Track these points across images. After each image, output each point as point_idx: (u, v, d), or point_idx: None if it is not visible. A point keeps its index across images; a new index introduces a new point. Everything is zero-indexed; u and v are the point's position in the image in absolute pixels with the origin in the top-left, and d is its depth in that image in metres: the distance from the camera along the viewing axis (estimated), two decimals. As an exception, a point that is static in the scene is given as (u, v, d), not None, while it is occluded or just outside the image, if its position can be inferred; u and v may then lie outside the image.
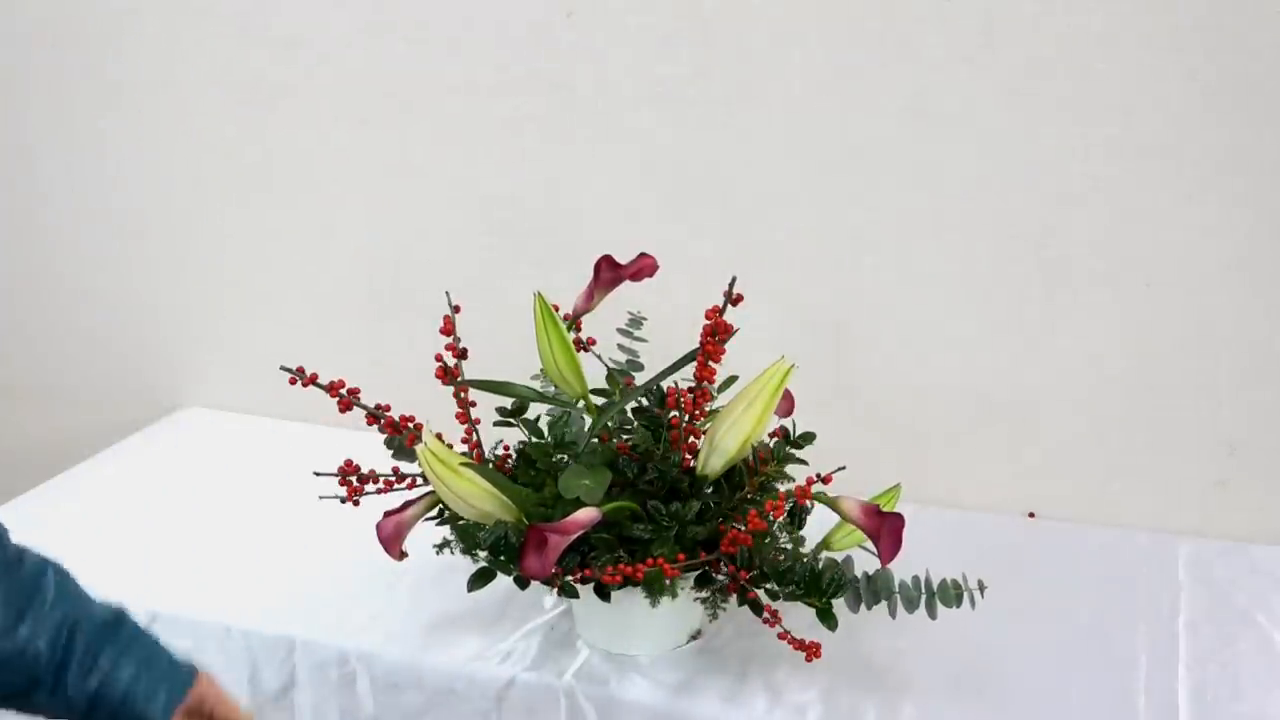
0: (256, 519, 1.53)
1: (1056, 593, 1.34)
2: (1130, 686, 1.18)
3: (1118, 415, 1.46)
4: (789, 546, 1.16)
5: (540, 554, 1.05)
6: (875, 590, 1.15)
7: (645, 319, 1.28)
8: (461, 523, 1.16)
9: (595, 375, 1.21)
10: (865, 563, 1.15)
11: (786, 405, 1.20)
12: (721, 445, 1.13)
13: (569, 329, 1.21)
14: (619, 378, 1.24)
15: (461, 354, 1.25)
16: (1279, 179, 1.32)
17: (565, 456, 1.20)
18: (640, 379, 1.25)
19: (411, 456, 1.19)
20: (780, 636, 1.14)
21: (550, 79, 1.54)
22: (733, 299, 1.13)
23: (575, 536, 1.07)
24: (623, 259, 1.21)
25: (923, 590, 1.15)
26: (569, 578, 1.13)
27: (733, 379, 1.20)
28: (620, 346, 1.28)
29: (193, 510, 1.57)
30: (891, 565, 1.09)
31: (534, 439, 1.25)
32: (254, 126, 1.70)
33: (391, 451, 1.26)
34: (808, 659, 1.13)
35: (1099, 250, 1.40)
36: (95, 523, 1.54)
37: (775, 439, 1.19)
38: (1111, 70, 1.33)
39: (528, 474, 1.20)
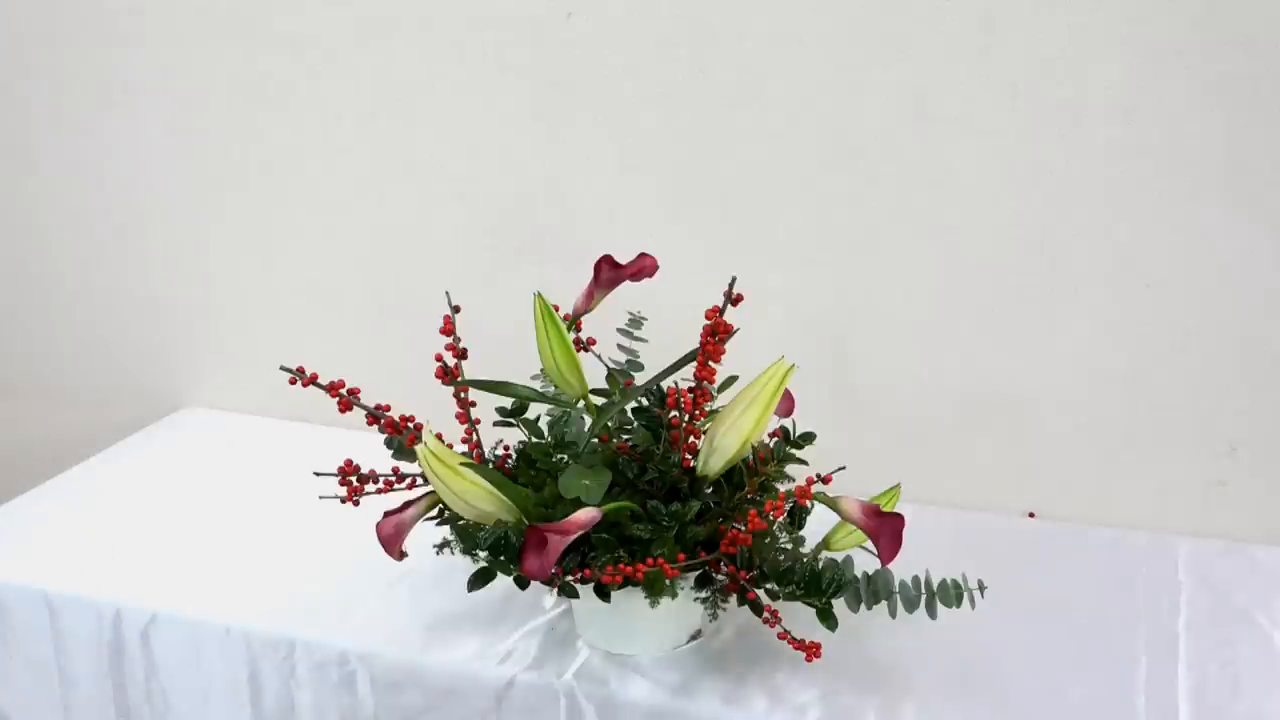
0: (256, 519, 1.53)
1: (1056, 593, 1.34)
2: (1130, 686, 1.18)
3: (1118, 415, 1.46)
4: (789, 546, 1.16)
5: (540, 554, 1.05)
6: (875, 590, 1.15)
7: (645, 319, 1.28)
8: (461, 523, 1.16)
9: (595, 375, 1.21)
10: (865, 563, 1.15)
11: (786, 405, 1.20)
12: (721, 445, 1.13)
13: (569, 329, 1.21)
14: (619, 378, 1.24)
15: (461, 354, 1.25)
16: (1279, 179, 1.32)
17: (565, 456, 1.20)
18: (640, 379, 1.25)
19: (411, 456, 1.19)
20: (780, 636, 1.14)
21: (550, 79, 1.54)
22: (733, 299, 1.12)
23: (575, 536, 1.07)
24: (623, 259, 1.21)
25: (923, 590, 1.15)
26: (569, 578, 1.13)
27: (733, 379, 1.20)
28: (620, 346, 1.28)
29: (193, 510, 1.57)
30: (891, 565, 1.09)
31: (534, 439, 1.25)
32: (254, 126, 1.70)
33: (391, 451, 1.26)
34: (807, 659, 1.13)
35: (1099, 250, 1.40)
36: (95, 523, 1.54)
37: (775, 439, 1.19)
38: (1111, 70, 1.33)
39: (528, 474, 1.20)
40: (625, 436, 1.21)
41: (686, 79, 1.48)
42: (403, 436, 1.23)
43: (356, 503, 1.22)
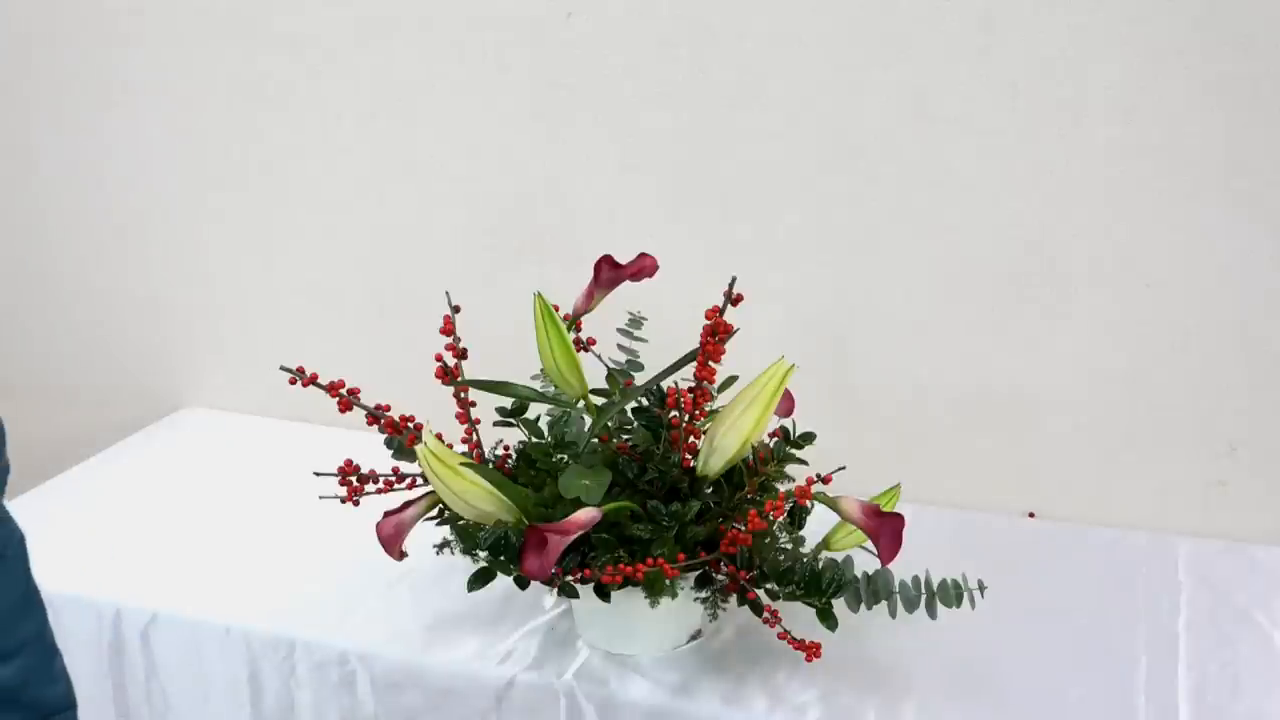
0: (256, 519, 1.53)
1: (1056, 593, 1.34)
2: (1130, 686, 1.18)
3: (1118, 415, 1.46)
4: (789, 546, 1.16)
5: (540, 554, 1.05)
6: (875, 590, 1.15)
7: (645, 319, 1.28)
8: (461, 523, 1.16)
9: (595, 375, 1.21)
10: (865, 563, 1.15)
11: (786, 405, 1.20)
12: (721, 445, 1.13)
13: (569, 329, 1.21)
14: (619, 378, 1.24)
15: (461, 354, 1.25)
16: (1279, 179, 1.32)
17: (565, 456, 1.20)
18: (640, 379, 1.25)
19: (411, 456, 1.19)
20: (780, 636, 1.14)
21: (550, 79, 1.54)
22: (733, 299, 1.13)
23: (575, 536, 1.07)
24: (623, 259, 1.21)
25: (923, 590, 1.15)
26: (569, 578, 1.13)
27: (733, 379, 1.20)
28: (620, 346, 1.28)
29: (193, 510, 1.57)
30: (891, 565, 1.09)
31: (534, 439, 1.25)
32: (254, 126, 1.70)
33: (391, 451, 1.26)
34: (807, 659, 1.13)
35: (1099, 250, 1.40)
36: (95, 523, 1.54)
37: (775, 439, 1.19)
38: (1111, 70, 1.33)
39: (528, 474, 1.20)
40: (625, 436, 1.21)
41: (686, 79, 1.48)
42: (403, 436, 1.23)
43: (356, 503, 1.22)
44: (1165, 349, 1.41)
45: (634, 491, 1.17)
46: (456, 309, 1.25)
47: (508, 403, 1.25)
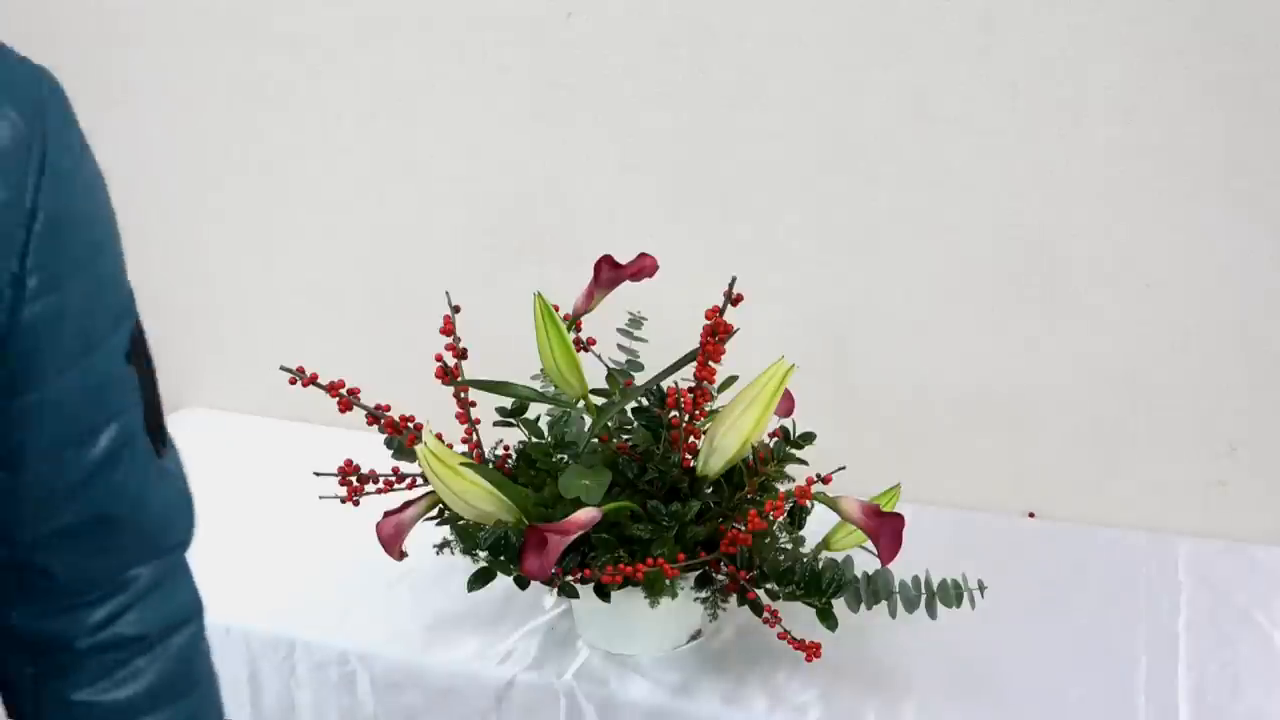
0: (256, 519, 1.53)
1: (1056, 593, 1.34)
2: (1130, 686, 1.18)
3: (1118, 415, 1.46)
4: (789, 546, 1.16)
5: (540, 554, 1.05)
6: (875, 590, 1.15)
7: (645, 319, 1.28)
8: (461, 523, 1.16)
9: (595, 375, 1.21)
10: (865, 563, 1.15)
11: (786, 405, 1.20)
12: (721, 445, 1.13)
13: (569, 329, 1.21)
14: (619, 378, 1.24)
15: (461, 354, 1.25)
16: (1279, 179, 1.32)
17: (565, 456, 1.20)
18: (640, 379, 1.25)
19: (411, 456, 1.19)
20: (780, 636, 1.14)
21: (550, 79, 1.54)
22: (733, 299, 1.12)
23: (575, 536, 1.07)
24: (623, 259, 1.21)
25: (923, 590, 1.15)
26: (569, 578, 1.13)
27: (733, 379, 1.20)
28: (620, 346, 1.28)
29: (193, 510, 1.57)
30: (891, 565, 1.09)
31: (534, 439, 1.25)
32: (254, 126, 1.70)
33: (391, 451, 1.26)
34: (807, 659, 1.13)
35: (1099, 250, 1.40)
36: (95, 523, 1.54)
37: (775, 439, 1.19)
38: (1111, 70, 1.33)
39: (528, 474, 1.20)
40: (625, 436, 1.21)
41: (686, 79, 1.48)
42: (403, 436, 1.23)
43: (356, 503, 1.22)
44: (1165, 349, 1.41)
45: (634, 491, 1.17)
46: (456, 309, 1.25)
47: (508, 403, 1.25)
